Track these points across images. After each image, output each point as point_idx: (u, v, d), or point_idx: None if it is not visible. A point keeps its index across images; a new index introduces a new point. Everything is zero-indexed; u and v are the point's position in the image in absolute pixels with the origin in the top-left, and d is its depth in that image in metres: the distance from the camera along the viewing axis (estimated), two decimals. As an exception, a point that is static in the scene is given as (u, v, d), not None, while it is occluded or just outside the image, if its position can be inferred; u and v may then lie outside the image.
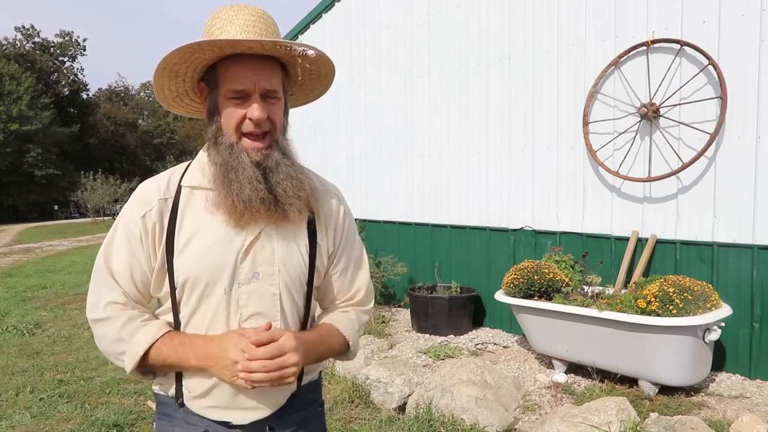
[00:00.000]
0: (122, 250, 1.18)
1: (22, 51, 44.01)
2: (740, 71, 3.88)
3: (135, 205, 1.19)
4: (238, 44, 1.09)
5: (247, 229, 1.17)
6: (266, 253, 1.18)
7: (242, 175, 1.13)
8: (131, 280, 1.18)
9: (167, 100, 1.27)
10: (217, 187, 1.16)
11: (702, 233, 4.10)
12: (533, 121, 5.08)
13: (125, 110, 55.42)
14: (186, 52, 1.11)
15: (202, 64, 1.16)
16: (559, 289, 4.12)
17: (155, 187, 1.20)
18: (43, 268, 11.51)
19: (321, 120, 7.31)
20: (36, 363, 4.83)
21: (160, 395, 1.27)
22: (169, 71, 1.17)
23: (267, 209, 1.15)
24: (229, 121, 1.15)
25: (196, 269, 1.15)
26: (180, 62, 1.14)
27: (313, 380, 1.34)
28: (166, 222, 1.18)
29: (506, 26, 5.23)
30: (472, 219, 5.65)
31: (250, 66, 1.12)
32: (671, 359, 3.47)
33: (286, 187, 1.17)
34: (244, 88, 1.12)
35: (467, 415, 3.24)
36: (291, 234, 1.22)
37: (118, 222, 1.22)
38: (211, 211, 1.17)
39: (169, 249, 1.17)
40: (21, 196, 39.87)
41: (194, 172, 1.22)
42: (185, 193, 1.20)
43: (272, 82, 1.15)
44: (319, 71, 1.26)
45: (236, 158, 1.14)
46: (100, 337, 1.20)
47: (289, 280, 1.20)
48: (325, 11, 7.16)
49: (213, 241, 1.16)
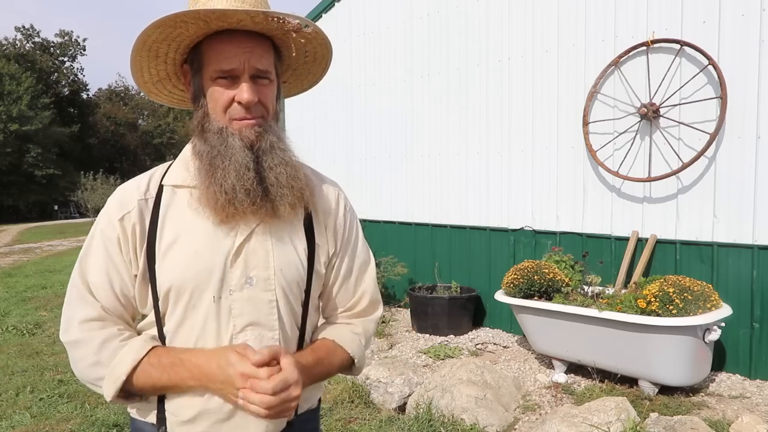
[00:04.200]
0: (99, 258, 1.05)
1: (22, 51, 43.96)
2: (740, 71, 3.88)
3: (113, 207, 1.07)
4: (224, 16, 0.96)
5: (237, 229, 1.05)
6: (259, 255, 1.06)
7: (230, 161, 1.01)
8: (111, 291, 1.05)
9: (147, 85, 1.14)
10: (201, 178, 1.03)
11: (702, 233, 4.10)
12: (533, 121, 5.08)
13: (125, 110, 55.37)
14: (167, 25, 0.98)
15: (186, 42, 1.04)
16: (559, 289, 4.12)
17: (135, 188, 1.08)
18: (43, 268, 11.50)
19: (321, 120, 7.31)
20: (36, 363, 4.83)
21: (137, 421, 1.12)
22: (148, 50, 1.04)
23: (252, 203, 1.02)
24: (215, 105, 1.03)
25: (180, 276, 1.02)
26: (160, 39, 1.02)
27: (311, 408, 1.22)
28: (147, 224, 1.05)
29: (506, 26, 5.23)
30: (472, 219, 5.64)
31: (238, 43, 1.01)
32: (671, 359, 3.47)
33: (280, 173, 1.05)
34: (233, 68, 1.00)
35: (467, 415, 3.24)
36: (286, 233, 1.09)
37: (94, 229, 1.09)
38: (195, 208, 1.05)
39: (150, 254, 1.04)
40: (21, 196, 39.84)
41: (178, 170, 1.10)
42: (167, 193, 1.08)
43: (263, 61, 1.03)
44: (315, 52, 1.14)
45: (224, 142, 1.02)
46: (76, 361, 1.05)
47: (286, 285, 1.08)
48: (325, 11, 7.16)
49: (198, 244, 1.03)
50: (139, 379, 1.01)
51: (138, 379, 1.01)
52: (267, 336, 1.06)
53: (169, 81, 1.15)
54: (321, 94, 7.09)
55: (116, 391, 1.01)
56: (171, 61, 1.10)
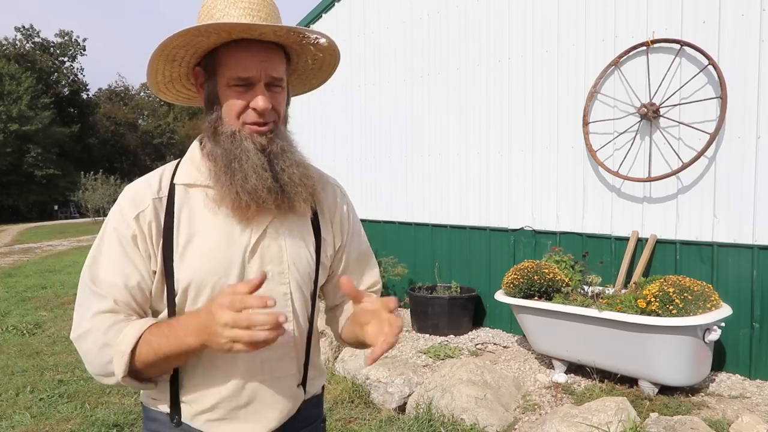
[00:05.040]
0: (114, 257, 1.05)
1: (22, 51, 43.98)
2: (740, 71, 3.88)
3: (126, 206, 1.08)
4: (249, 29, 1.01)
5: (252, 226, 1.09)
6: (274, 250, 1.11)
7: (247, 163, 1.05)
8: (125, 287, 1.04)
9: (158, 85, 1.18)
10: (219, 180, 1.07)
11: (702, 233, 4.10)
12: (533, 121, 5.08)
13: (125, 110, 55.41)
14: (191, 35, 1.02)
15: (203, 48, 1.07)
16: (559, 289, 4.12)
17: (146, 186, 1.10)
18: (43, 268, 11.50)
19: (321, 120, 7.31)
20: (36, 363, 4.83)
21: (150, 410, 1.13)
22: (167, 55, 1.08)
23: (274, 199, 1.07)
24: (230, 110, 1.07)
25: (202, 272, 1.05)
26: (180, 45, 1.06)
27: (316, 394, 1.27)
28: (162, 222, 1.07)
29: (506, 26, 5.24)
30: (472, 219, 5.65)
31: (255, 52, 1.04)
32: (671, 359, 3.47)
33: (292, 174, 1.10)
34: (250, 76, 1.04)
35: (467, 415, 3.24)
36: (296, 229, 1.15)
37: (105, 229, 1.09)
38: (213, 208, 1.08)
39: (168, 252, 1.06)
40: (21, 196, 39.85)
41: (187, 169, 1.13)
42: (180, 191, 1.10)
43: (278, 69, 1.08)
44: (323, 60, 1.20)
45: (239, 146, 1.06)
46: (86, 352, 1.04)
47: (299, 278, 1.14)
48: (325, 11, 7.16)
49: (217, 241, 1.07)
50: (143, 352, 0.99)
51: (142, 352, 0.99)
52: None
53: (179, 81, 1.19)
54: (321, 94, 7.08)
55: (125, 366, 0.99)
56: (185, 64, 1.13)
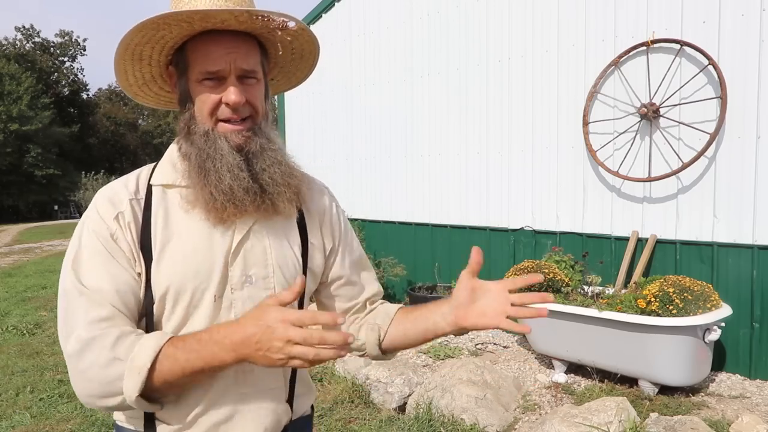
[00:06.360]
0: (96, 259, 0.97)
1: (22, 51, 43.97)
2: (740, 71, 3.88)
3: (103, 207, 1.00)
4: (207, 16, 0.94)
5: (234, 228, 1.03)
6: (257, 253, 1.04)
7: (220, 162, 0.99)
8: (115, 290, 0.95)
9: (132, 88, 1.11)
10: (192, 180, 1.01)
11: (702, 233, 4.10)
12: (533, 121, 5.08)
13: (125, 110, 55.38)
14: (149, 28, 0.96)
15: (170, 44, 1.01)
16: (559, 289, 4.12)
17: (123, 187, 1.03)
18: (43, 268, 11.50)
19: (321, 120, 7.31)
20: (36, 363, 4.83)
21: (123, 429, 1.06)
22: (131, 54, 1.02)
23: (253, 200, 1.01)
24: (202, 107, 1.01)
25: (180, 276, 0.98)
26: (143, 42, 0.99)
27: (304, 415, 1.19)
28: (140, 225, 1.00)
29: (506, 26, 5.24)
30: (472, 219, 5.64)
31: (223, 44, 0.99)
32: (671, 359, 3.47)
33: (274, 173, 1.04)
34: (218, 69, 0.98)
35: (467, 415, 3.24)
36: (282, 231, 1.09)
37: (80, 234, 1.00)
38: (187, 209, 1.02)
39: (146, 256, 0.99)
40: (21, 196, 39.84)
41: (165, 169, 1.06)
42: (157, 193, 1.04)
43: (250, 61, 1.01)
44: (302, 49, 1.12)
45: (212, 145, 1.00)
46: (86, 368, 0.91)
47: (285, 282, 1.06)
48: (325, 11, 7.16)
49: (195, 244, 1.00)
50: (163, 367, 0.90)
51: (162, 367, 0.90)
52: None
53: (155, 83, 1.13)
54: (321, 94, 7.09)
55: (141, 385, 0.88)
56: (156, 63, 1.07)
